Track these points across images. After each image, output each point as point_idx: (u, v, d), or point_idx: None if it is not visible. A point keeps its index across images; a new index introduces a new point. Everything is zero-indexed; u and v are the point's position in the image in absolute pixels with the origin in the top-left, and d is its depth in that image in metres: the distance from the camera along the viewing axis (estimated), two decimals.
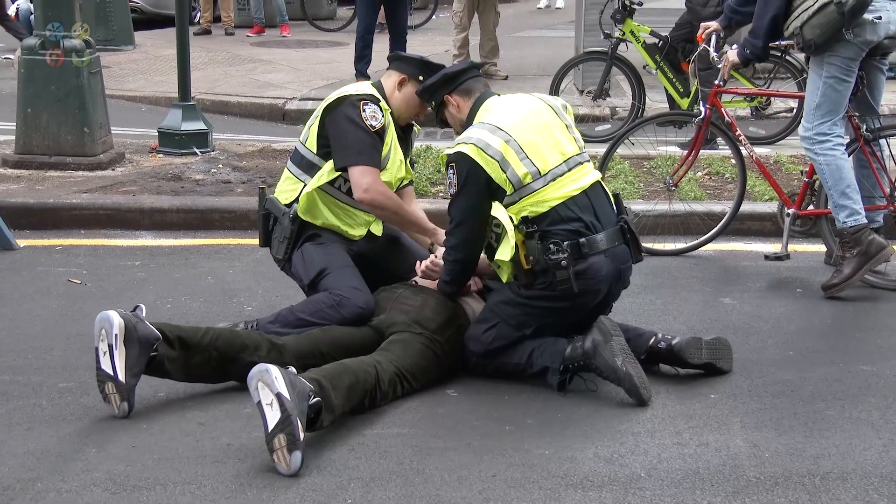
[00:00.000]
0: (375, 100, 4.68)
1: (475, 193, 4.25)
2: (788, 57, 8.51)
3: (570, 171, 4.32)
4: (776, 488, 3.53)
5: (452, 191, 4.31)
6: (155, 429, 3.90)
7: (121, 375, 3.91)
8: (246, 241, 6.34)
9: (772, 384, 4.40)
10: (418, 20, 16.36)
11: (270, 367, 3.60)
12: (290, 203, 4.74)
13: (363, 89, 4.76)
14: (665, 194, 6.47)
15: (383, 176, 4.68)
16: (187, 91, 8.32)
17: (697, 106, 6.10)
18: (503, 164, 4.21)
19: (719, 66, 5.92)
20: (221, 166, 7.79)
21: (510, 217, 4.20)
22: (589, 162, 4.46)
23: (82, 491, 3.45)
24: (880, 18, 5.29)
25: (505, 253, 4.21)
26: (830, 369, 4.58)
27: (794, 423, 4.04)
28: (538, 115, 4.40)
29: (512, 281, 4.34)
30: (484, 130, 4.28)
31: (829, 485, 3.56)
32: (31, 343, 4.75)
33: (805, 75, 8.28)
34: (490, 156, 4.21)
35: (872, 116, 5.65)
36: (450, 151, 4.32)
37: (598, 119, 10.01)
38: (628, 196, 6.87)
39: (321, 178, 4.67)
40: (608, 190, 4.49)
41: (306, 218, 4.70)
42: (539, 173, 4.24)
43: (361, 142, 4.58)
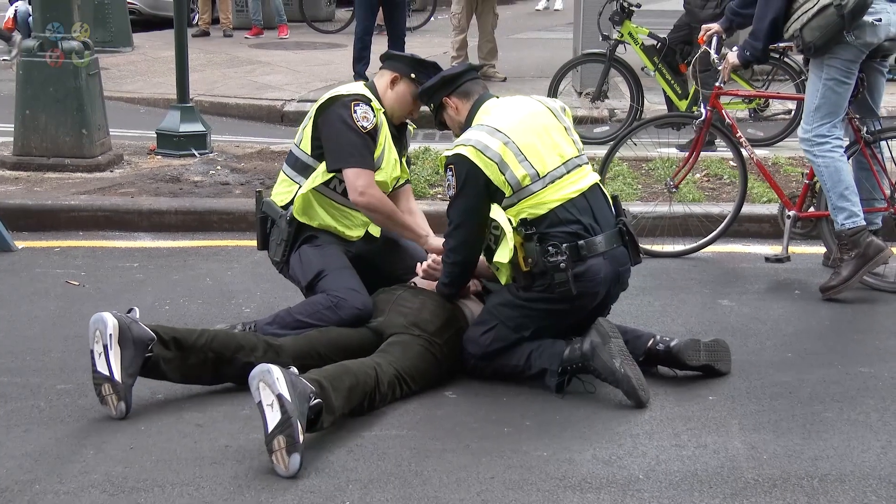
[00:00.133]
0: (367, 100, 4.68)
1: (474, 195, 4.25)
2: (786, 59, 8.52)
3: (569, 174, 4.32)
4: (774, 490, 3.53)
5: (451, 193, 4.31)
6: (153, 430, 3.90)
7: (117, 375, 3.91)
8: (244, 243, 6.34)
9: (770, 386, 4.40)
10: (417, 22, 16.37)
11: (272, 368, 3.59)
12: (287, 205, 4.74)
13: (355, 89, 4.75)
14: (665, 196, 6.47)
15: (378, 175, 4.67)
16: (186, 93, 8.32)
17: (697, 108, 6.09)
18: (502, 167, 4.21)
19: (720, 68, 5.93)
20: (220, 168, 7.79)
21: (509, 219, 4.20)
22: (588, 164, 4.46)
23: (80, 493, 3.45)
24: (880, 20, 5.28)
25: (503, 255, 4.20)
26: (828, 371, 4.58)
27: (793, 425, 4.04)
28: (537, 118, 4.40)
29: (510, 283, 4.34)
30: (483, 132, 4.28)
31: (828, 486, 3.56)
32: (30, 345, 4.74)
33: (803, 77, 8.31)
34: (489, 158, 4.21)
35: (872, 118, 5.65)
36: (448, 153, 4.32)
37: (597, 121, 10.01)
38: (627, 198, 6.87)
39: (316, 180, 4.66)
40: (607, 192, 4.50)
41: (303, 220, 4.70)
42: (538, 175, 4.24)
43: (353, 143, 4.58)
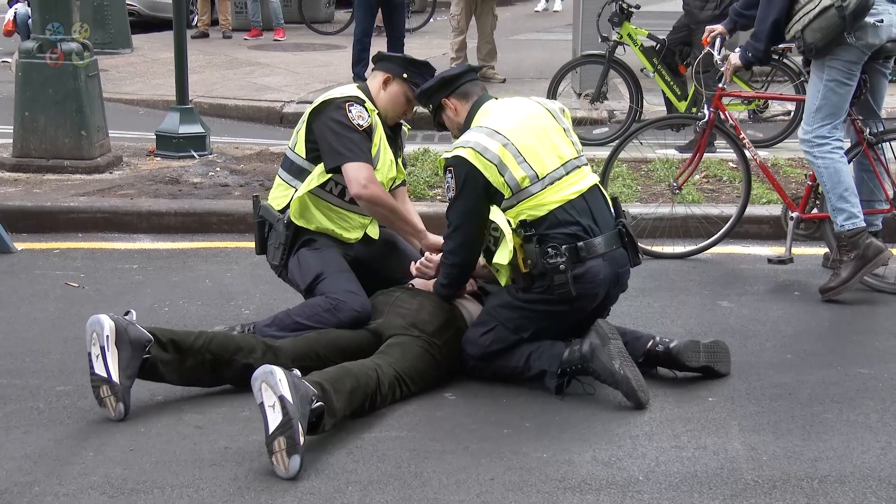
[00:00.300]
0: (360, 101, 4.68)
1: (473, 197, 4.25)
2: (786, 60, 8.51)
3: (568, 175, 4.32)
4: (774, 491, 3.53)
5: (451, 195, 4.31)
6: (152, 432, 3.90)
7: (115, 376, 3.90)
8: (243, 245, 6.34)
9: (770, 387, 4.40)
10: (416, 23, 16.36)
11: (275, 369, 3.58)
12: (284, 209, 4.74)
13: (348, 91, 4.76)
14: (666, 197, 6.46)
15: (375, 176, 4.67)
16: (185, 94, 8.32)
17: (701, 109, 6.08)
18: (501, 168, 4.21)
19: (722, 70, 5.92)
20: (219, 169, 7.79)
21: (508, 221, 4.20)
22: (587, 165, 4.45)
23: (80, 494, 3.45)
24: (882, 21, 5.27)
25: (503, 256, 4.20)
26: (828, 372, 4.58)
27: (792, 427, 4.04)
28: (536, 119, 4.40)
29: (510, 284, 4.34)
30: (482, 134, 4.28)
31: (827, 488, 3.56)
32: (29, 346, 4.74)
33: (802, 78, 8.31)
34: (488, 160, 4.21)
35: (874, 120, 5.64)
36: (447, 155, 4.32)
37: (596, 122, 10.01)
38: (626, 199, 6.87)
39: (311, 182, 4.66)
40: (606, 194, 4.50)
41: (300, 223, 4.70)
42: (537, 177, 4.24)
43: (351, 140, 4.58)
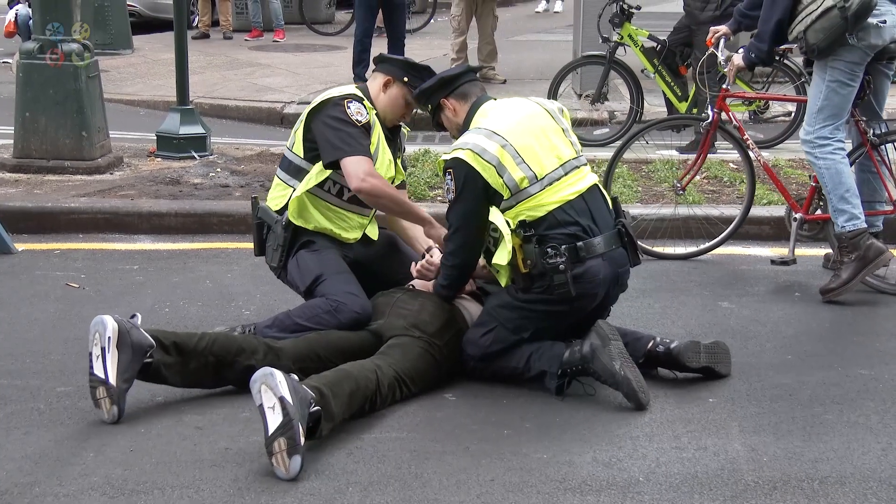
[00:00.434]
0: (359, 98, 4.70)
1: (473, 199, 4.25)
2: (786, 61, 8.51)
3: (567, 175, 4.32)
4: (774, 492, 3.53)
5: (451, 196, 4.31)
6: (153, 433, 3.90)
7: (112, 379, 3.90)
8: (244, 245, 6.33)
9: (770, 388, 4.40)
10: (417, 24, 16.35)
11: (274, 371, 3.59)
12: (282, 209, 4.74)
13: (346, 90, 4.77)
14: (668, 198, 6.45)
15: None
16: (185, 95, 8.32)
17: (704, 110, 6.07)
18: (500, 169, 4.21)
19: (724, 71, 5.92)
20: (220, 170, 7.79)
21: (507, 221, 4.20)
22: (586, 165, 4.45)
23: (80, 495, 3.45)
24: (885, 22, 5.26)
25: (502, 257, 4.20)
26: (829, 373, 4.58)
27: (793, 428, 4.03)
28: (534, 120, 4.40)
29: (510, 285, 4.34)
30: (480, 136, 4.28)
31: (828, 489, 3.56)
32: (29, 347, 4.74)
33: (803, 79, 8.31)
34: (486, 161, 4.21)
35: (877, 121, 5.64)
36: (446, 157, 4.32)
37: (597, 123, 10.01)
38: (627, 200, 6.86)
39: (310, 182, 4.66)
40: (606, 193, 4.49)
41: (298, 222, 4.69)
42: (536, 178, 4.24)
43: (350, 135, 4.58)
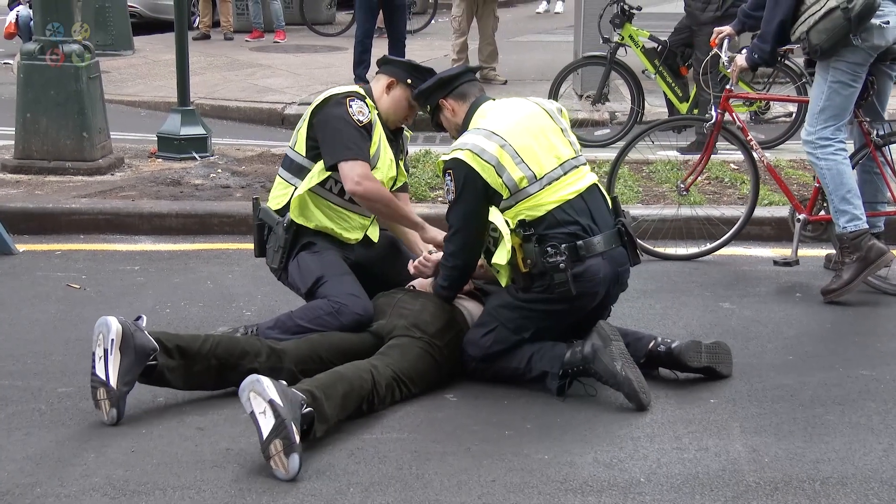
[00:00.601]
0: (361, 96, 4.71)
1: (473, 199, 4.25)
2: (787, 61, 8.51)
3: (566, 175, 4.32)
4: (776, 493, 3.53)
5: (451, 197, 4.31)
6: (154, 434, 3.90)
7: (112, 381, 3.90)
8: (245, 246, 6.32)
9: (771, 389, 4.40)
10: (417, 25, 16.35)
11: (261, 377, 3.60)
12: (283, 210, 4.74)
13: (349, 88, 4.79)
14: (669, 199, 6.44)
15: (375, 174, 4.67)
16: (186, 96, 8.32)
17: (708, 111, 6.07)
18: (499, 169, 4.21)
19: (725, 72, 5.92)
20: (220, 171, 7.79)
21: (506, 221, 4.20)
22: (585, 165, 4.46)
23: (81, 496, 3.45)
24: (888, 23, 5.26)
25: (501, 256, 4.20)
26: (830, 374, 4.58)
27: (794, 428, 4.03)
28: (533, 119, 4.40)
29: (510, 284, 4.34)
30: (479, 136, 4.28)
31: (829, 490, 3.56)
32: (30, 348, 4.74)
33: (803, 80, 8.31)
34: (486, 161, 4.21)
35: (880, 122, 5.63)
36: (446, 158, 4.33)
37: (598, 123, 10.01)
38: (627, 201, 6.85)
39: (312, 180, 4.66)
40: (605, 193, 4.49)
41: (299, 221, 4.69)
42: (535, 177, 4.24)
43: (349, 136, 4.59)
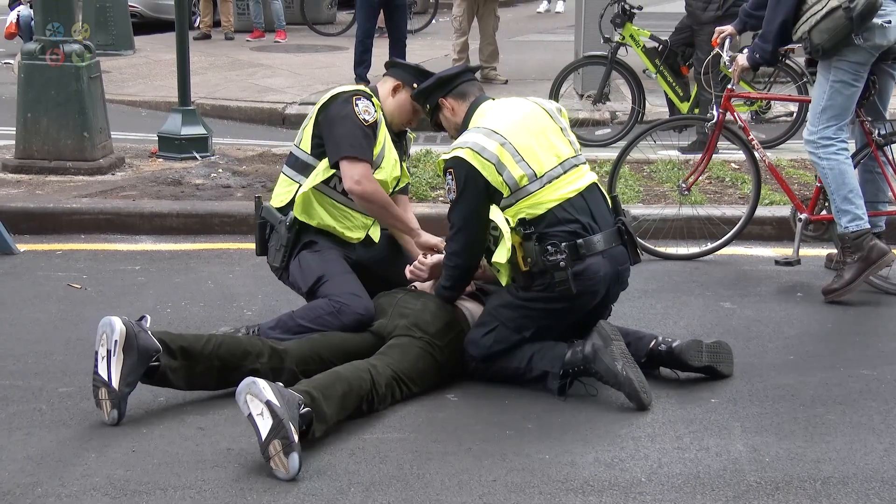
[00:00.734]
0: (367, 95, 4.72)
1: (474, 198, 4.25)
2: (788, 61, 8.51)
3: (566, 174, 4.32)
4: (777, 493, 3.52)
5: (452, 196, 4.31)
6: (155, 433, 3.90)
7: (114, 382, 3.89)
8: (246, 246, 6.33)
9: (772, 388, 4.40)
10: (418, 24, 16.36)
11: (256, 379, 3.61)
12: (286, 208, 4.74)
13: (356, 87, 4.81)
14: (670, 198, 6.43)
15: (378, 174, 4.68)
16: (187, 96, 8.32)
17: (710, 111, 6.07)
18: (499, 168, 4.21)
19: (726, 71, 5.91)
20: (221, 171, 7.79)
21: (507, 219, 4.20)
22: (585, 164, 4.46)
23: (82, 495, 3.45)
24: (890, 23, 5.25)
25: (501, 255, 4.21)
26: (831, 374, 4.57)
27: (795, 428, 4.03)
28: (533, 119, 4.40)
29: (510, 284, 4.34)
30: (479, 134, 4.28)
31: (830, 489, 3.55)
32: (31, 348, 4.74)
33: (804, 79, 8.31)
34: (486, 159, 4.21)
35: (881, 121, 5.63)
36: (446, 157, 4.33)
37: (598, 123, 10.02)
38: (629, 200, 6.85)
39: (316, 178, 4.67)
40: (605, 192, 4.50)
41: (302, 218, 4.69)
42: (535, 175, 4.24)
43: (353, 135, 4.60)
